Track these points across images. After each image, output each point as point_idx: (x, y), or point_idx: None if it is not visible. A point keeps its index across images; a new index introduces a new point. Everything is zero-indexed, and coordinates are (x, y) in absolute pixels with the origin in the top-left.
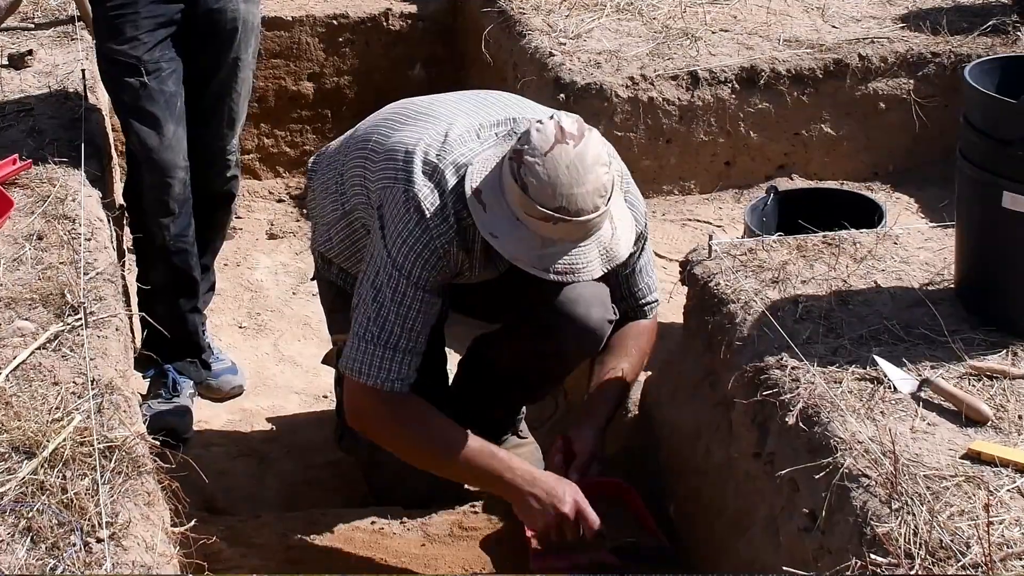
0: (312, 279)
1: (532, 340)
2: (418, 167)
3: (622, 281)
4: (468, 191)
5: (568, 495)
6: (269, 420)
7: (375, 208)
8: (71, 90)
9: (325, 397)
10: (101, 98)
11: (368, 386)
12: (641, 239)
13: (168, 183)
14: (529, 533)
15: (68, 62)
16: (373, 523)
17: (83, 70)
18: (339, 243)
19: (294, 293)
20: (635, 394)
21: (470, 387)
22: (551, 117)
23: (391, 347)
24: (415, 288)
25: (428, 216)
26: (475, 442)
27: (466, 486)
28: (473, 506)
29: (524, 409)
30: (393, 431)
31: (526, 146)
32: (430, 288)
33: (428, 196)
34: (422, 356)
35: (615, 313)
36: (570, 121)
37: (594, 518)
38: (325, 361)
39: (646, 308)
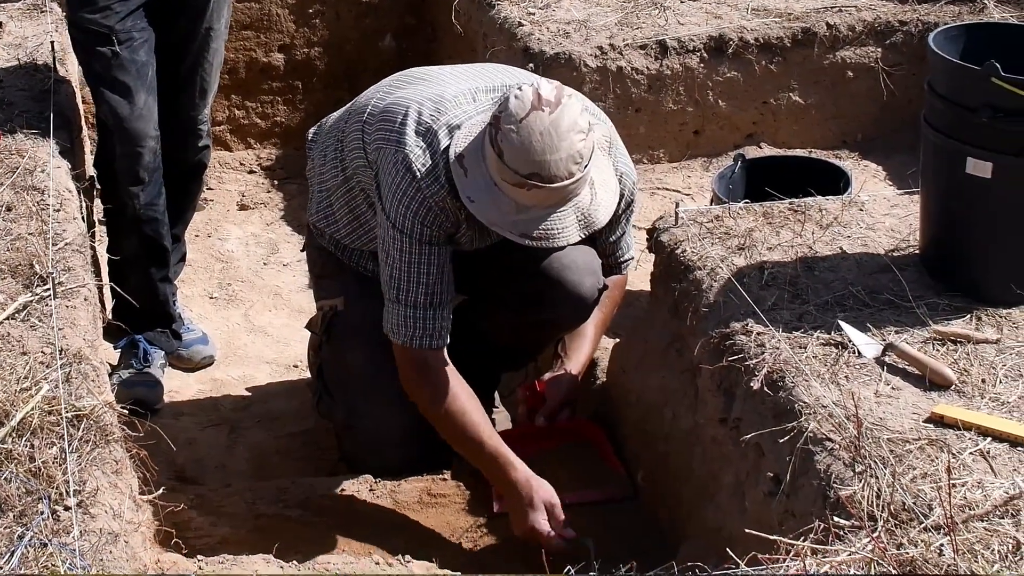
0: (302, 250)
1: (523, 309)
2: (411, 127)
3: (607, 245)
4: (452, 156)
5: (546, 525)
6: (239, 390)
7: (373, 173)
8: (40, 62)
9: (296, 367)
10: (71, 70)
11: (400, 345)
12: (630, 207)
13: (139, 152)
14: (496, 502)
15: (37, 34)
16: (343, 491)
17: (52, 42)
18: (340, 210)
19: (265, 264)
20: (603, 361)
21: (456, 355)
22: (531, 84)
23: (410, 304)
24: (418, 243)
25: (419, 177)
26: (489, 427)
27: (437, 456)
28: (442, 474)
29: (501, 378)
30: (420, 393)
31: (503, 113)
32: (433, 241)
33: (420, 157)
34: (450, 306)
35: (604, 284)
36: (549, 88)
37: (553, 543)
38: (308, 326)
39: (622, 265)
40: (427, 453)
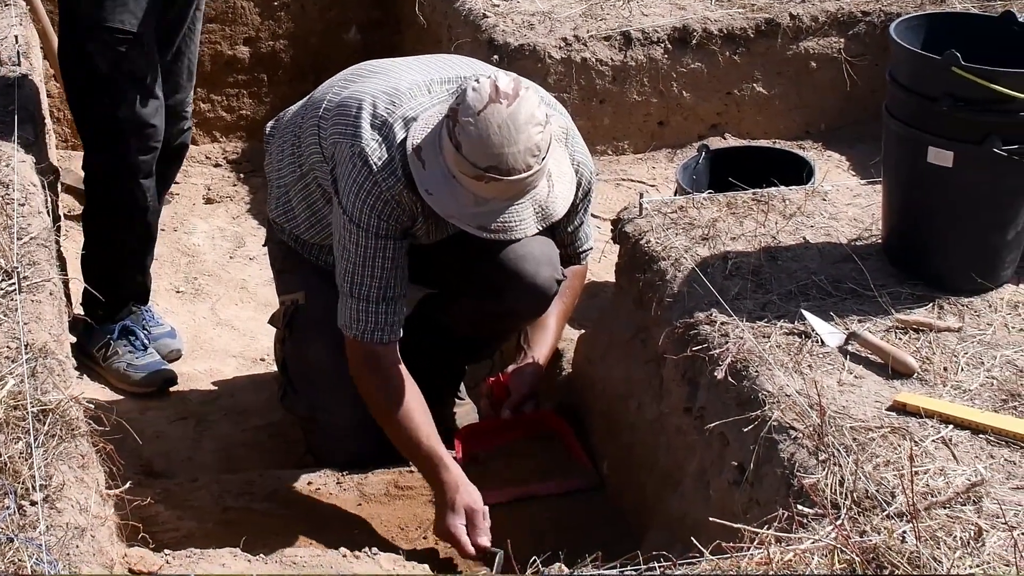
0: (263, 244)
1: (482, 300)
2: (367, 121)
3: (566, 235)
4: (410, 149)
5: (460, 530)
6: (206, 383)
7: (330, 167)
8: (4, 56)
9: (262, 360)
10: (35, 64)
11: (350, 338)
12: (588, 197)
13: (154, 147)
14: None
15: (1, 28)
16: (310, 483)
17: (16, 36)
18: (298, 205)
19: (231, 257)
20: (568, 352)
21: (416, 347)
22: (488, 76)
23: (363, 298)
24: (374, 238)
25: (376, 170)
26: (430, 427)
27: None
28: (409, 467)
29: (467, 369)
30: (365, 385)
31: (461, 105)
32: (390, 235)
33: (376, 150)
34: (404, 301)
35: (563, 274)
36: (507, 80)
37: (466, 550)
38: (271, 321)
39: (582, 255)
40: (391, 444)
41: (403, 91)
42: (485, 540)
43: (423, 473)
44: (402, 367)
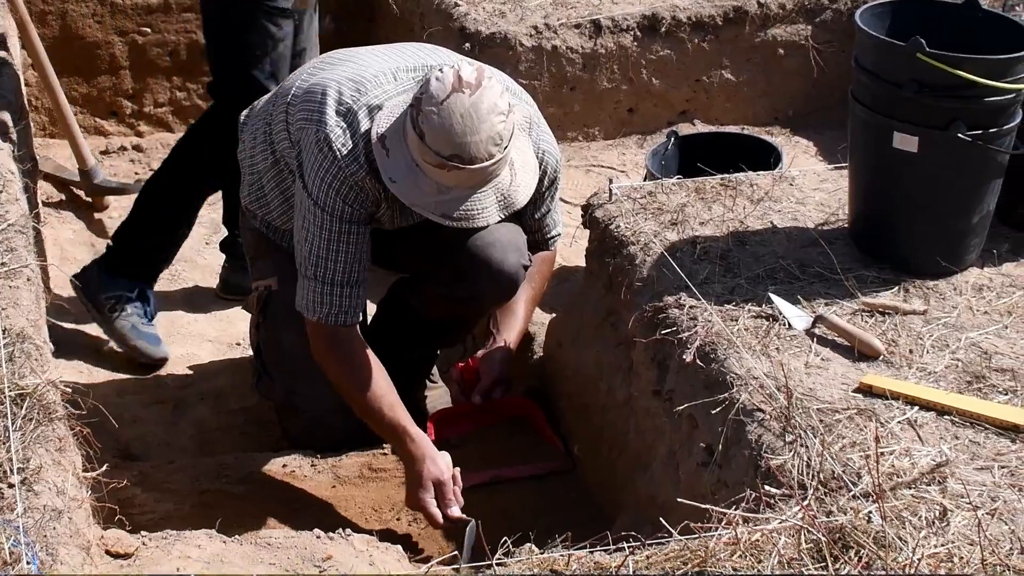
0: (236, 230)
1: (449, 285)
2: (331, 107)
3: (533, 222)
4: (375, 137)
5: (429, 501)
6: (182, 368)
7: (296, 151)
8: None
9: (238, 344)
10: (13, 53)
11: (313, 321)
12: (554, 185)
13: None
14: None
15: None
16: (284, 466)
17: None
18: (271, 192)
19: (207, 243)
20: (540, 336)
21: (388, 330)
22: (452, 66)
23: (327, 282)
24: (339, 221)
25: (339, 156)
26: (394, 399)
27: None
28: (383, 449)
29: (439, 353)
30: (330, 366)
31: (425, 94)
32: (354, 219)
33: (340, 136)
34: (365, 285)
35: (530, 259)
36: (470, 70)
37: (435, 520)
38: (245, 307)
39: (550, 241)
40: (364, 428)
41: (368, 79)
42: (455, 510)
43: (392, 445)
44: (365, 346)
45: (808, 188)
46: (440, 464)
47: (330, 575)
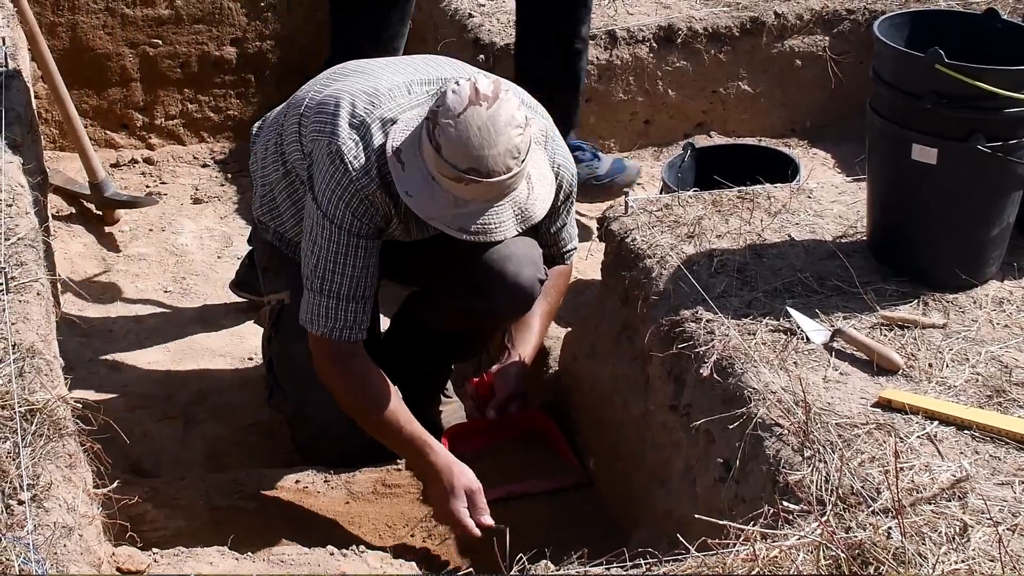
0: (249, 243)
1: (464, 299)
2: (344, 119)
3: (549, 236)
4: (390, 151)
5: (463, 512)
6: (194, 383)
7: (307, 162)
8: None
9: (250, 359)
10: (23, 65)
11: (318, 336)
12: (569, 199)
13: None
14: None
15: None
16: (297, 482)
17: (3, 38)
18: (283, 203)
19: (219, 257)
20: (555, 350)
21: (401, 345)
22: (468, 78)
23: (334, 296)
24: (348, 235)
25: (351, 169)
26: (407, 414)
27: None
28: (396, 464)
29: (453, 368)
30: (336, 383)
31: (441, 107)
32: (364, 234)
33: (352, 149)
34: (371, 301)
35: (546, 273)
36: (487, 83)
37: (470, 530)
38: (257, 321)
39: (565, 255)
40: (378, 443)
41: (382, 91)
42: (488, 518)
43: (409, 459)
44: (371, 362)
45: (826, 200)
46: (468, 472)
47: (318, 573)
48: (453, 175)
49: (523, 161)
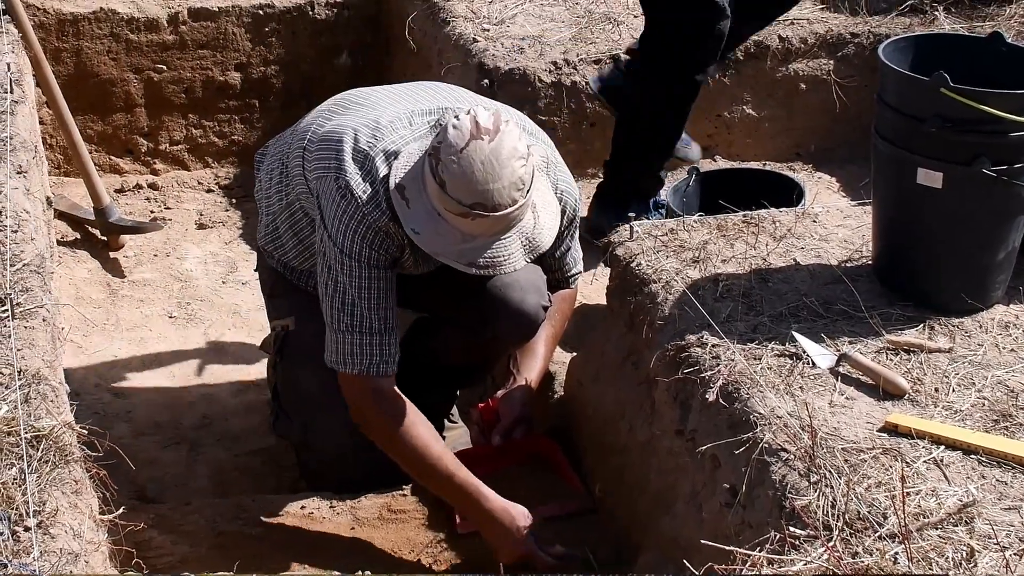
0: (255, 270)
1: (469, 326)
2: (348, 154)
3: (553, 261)
4: (392, 185)
5: (535, 548)
6: (199, 408)
7: (315, 199)
8: None
9: (255, 385)
10: (27, 91)
11: (352, 375)
12: (573, 224)
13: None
14: (458, 519)
15: None
16: (303, 508)
17: (8, 64)
18: (285, 233)
19: (224, 282)
20: (560, 376)
21: (407, 371)
22: (468, 112)
23: (364, 331)
24: (368, 267)
25: (362, 203)
26: (450, 455)
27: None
28: (402, 490)
29: (458, 393)
30: (379, 425)
31: (443, 143)
32: (382, 265)
33: (359, 184)
34: (398, 332)
35: (550, 299)
36: (487, 115)
37: (548, 564)
38: (262, 347)
39: (570, 279)
40: (384, 468)
41: (384, 124)
42: (560, 547)
43: (459, 505)
44: (403, 396)
45: (831, 224)
46: (523, 510)
47: None
48: (459, 211)
49: (528, 192)
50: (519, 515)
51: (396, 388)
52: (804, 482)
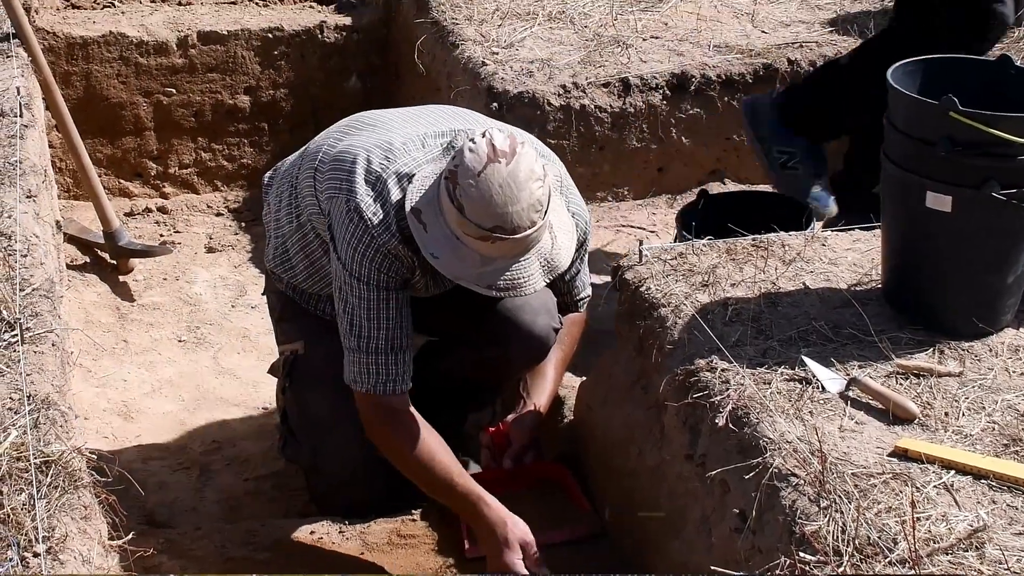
0: (263, 294)
1: (479, 348)
2: (360, 176)
3: (563, 284)
4: (408, 209)
5: (519, 565)
6: (208, 432)
7: (326, 219)
8: (6, 108)
9: (265, 409)
10: (37, 115)
11: (363, 393)
12: (583, 246)
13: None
14: (467, 544)
15: (3, 79)
16: (312, 532)
17: (18, 87)
18: (296, 255)
19: (233, 306)
20: (570, 400)
21: (416, 394)
22: (483, 135)
23: (372, 351)
24: (377, 290)
25: (372, 225)
26: (458, 465)
27: (405, 493)
28: (411, 515)
29: (468, 416)
30: (387, 439)
31: (459, 167)
32: (391, 286)
33: (371, 206)
34: (410, 351)
35: (560, 322)
36: (502, 137)
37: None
38: (271, 371)
39: (579, 303)
40: (394, 491)
41: (396, 146)
42: (545, 569)
43: (462, 513)
44: (416, 412)
45: (840, 248)
46: (521, 524)
47: None
48: (478, 234)
49: (545, 213)
50: (513, 528)
51: (408, 403)
52: (814, 507)
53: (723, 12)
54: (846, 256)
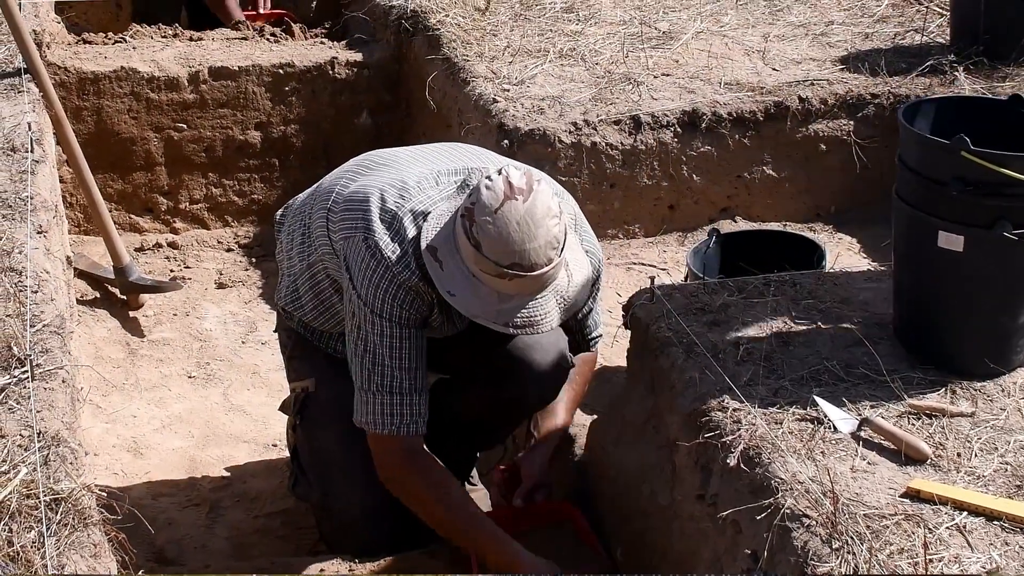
0: (274, 331)
1: (491, 387)
2: (375, 214)
3: (575, 323)
4: (424, 247)
5: None
6: (218, 469)
7: (342, 260)
8: (17, 143)
9: (275, 446)
10: (48, 150)
11: (384, 435)
12: (596, 284)
13: None
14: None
15: (15, 114)
16: (322, 571)
17: (29, 123)
18: (305, 294)
19: (243, 342)
20: (580, 439)
21: (433, 435)
22: (500, 172)
23: (395, 391)
24: (398, 327)
25: (391, 263)
26: (482, 512)
27: (415, 532)
28: (422, 553)
29: (478, 455)
30: (410, 483)
31: (476, 204)
32: (411, 323)
33: (388, 244)
34: (427, 393)
35: (571, 361)
36: (519, 175)
37: None
38: (282, 408)
39: (591, 342)
40: (404, 530)
41: (411, 184)
42: None
43: (491, 559)
44: (434, 457)
45: (852, 287)
46: (553, 566)
47: None
48: (496, 272)
49: (562, 251)
50: (544, 568)
51: (425, 447)
52: (826, 548)
53: (734, 50)
54: (858, 295)
